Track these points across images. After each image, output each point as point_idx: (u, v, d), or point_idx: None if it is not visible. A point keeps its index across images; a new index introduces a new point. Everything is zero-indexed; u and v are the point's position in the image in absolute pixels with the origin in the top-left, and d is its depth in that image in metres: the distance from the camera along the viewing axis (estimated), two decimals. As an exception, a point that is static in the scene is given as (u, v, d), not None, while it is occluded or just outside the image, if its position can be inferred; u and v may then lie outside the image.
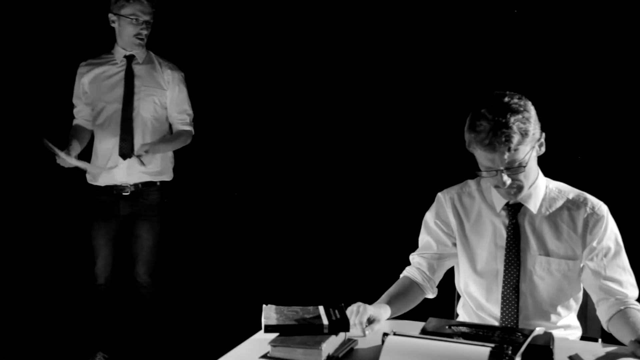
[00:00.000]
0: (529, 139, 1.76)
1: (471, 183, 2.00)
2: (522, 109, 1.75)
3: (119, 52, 3.17)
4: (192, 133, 3.27)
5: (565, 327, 1.94)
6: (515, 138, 1.73)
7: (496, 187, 1.85)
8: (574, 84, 3.27)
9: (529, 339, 1.59)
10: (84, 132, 3.21)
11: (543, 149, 1.85)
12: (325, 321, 1.72)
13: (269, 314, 1.78)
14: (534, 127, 1.77)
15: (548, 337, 1.66)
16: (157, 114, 3.17)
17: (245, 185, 4.03)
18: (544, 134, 1.83)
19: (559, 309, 1.91)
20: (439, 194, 2.03)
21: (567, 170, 3.22)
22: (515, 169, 1.78)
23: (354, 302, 1.83)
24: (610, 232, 1.88)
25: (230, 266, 4.01)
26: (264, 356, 1.65)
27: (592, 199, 1.91)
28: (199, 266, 4.01)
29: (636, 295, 1.86)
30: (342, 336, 1.73)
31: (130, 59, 3.16)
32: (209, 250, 4.05)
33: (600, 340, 2.03)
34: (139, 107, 3.11)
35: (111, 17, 3.12)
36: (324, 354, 1.62)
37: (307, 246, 3.82)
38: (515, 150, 1.75)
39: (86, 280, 3.26)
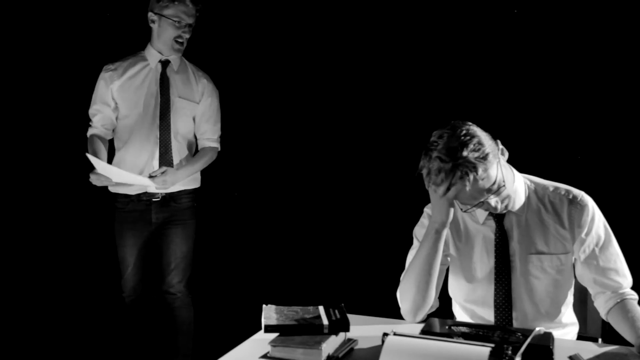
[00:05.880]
0: (489, 160, 1.72)
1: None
2: (469, 136, 1.71)
3: (154, 56, 2.97)
4: (218, 150, 3.10)
5: (564, 324, 1.93)
6: (480, 167, 1.70)
7: (487, 210, 1.85)
8: (574, 84, 3.26)
9: (529, 339, 1.59)
10: (105, 144, 2.96)
11: (506, 154, 1.83)
12: (325, 321, 1.72)
13: (269, 314, 1.78)
14: (488, 145, 1.73)
15: (548, 337, 1.66)
16: (191, 127, 3.02)
17: (245, 185, 4.03)
18: (499, 141, 1.80)
19: (558, 305, 1.90)
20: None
21: (567, 170, 3.25)
22: (497, 191, 1.77)
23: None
24: (598, 221, 1.86)
25: (230, 266, 4.00)
26: (264, 356, 1.65)
27: (573, 190, 1.89)
28: (199, 266, 4.00)
29: (631, 282, 1.86)
30: (342, 336, 1.73)
31: (165, 64, 2.98)
32: (208, 250, 4.04)
33: (600, 340, 2.03)
34: (175, 120, 2.94)
35: (151, 16, 2.91)
36: (324, 354, 1.62)
37: (307, 246, 3.82)
38: (485, 177, 1.72)
39: (113, 292, 3.11)
